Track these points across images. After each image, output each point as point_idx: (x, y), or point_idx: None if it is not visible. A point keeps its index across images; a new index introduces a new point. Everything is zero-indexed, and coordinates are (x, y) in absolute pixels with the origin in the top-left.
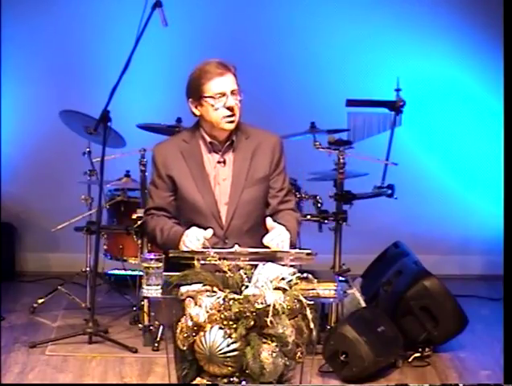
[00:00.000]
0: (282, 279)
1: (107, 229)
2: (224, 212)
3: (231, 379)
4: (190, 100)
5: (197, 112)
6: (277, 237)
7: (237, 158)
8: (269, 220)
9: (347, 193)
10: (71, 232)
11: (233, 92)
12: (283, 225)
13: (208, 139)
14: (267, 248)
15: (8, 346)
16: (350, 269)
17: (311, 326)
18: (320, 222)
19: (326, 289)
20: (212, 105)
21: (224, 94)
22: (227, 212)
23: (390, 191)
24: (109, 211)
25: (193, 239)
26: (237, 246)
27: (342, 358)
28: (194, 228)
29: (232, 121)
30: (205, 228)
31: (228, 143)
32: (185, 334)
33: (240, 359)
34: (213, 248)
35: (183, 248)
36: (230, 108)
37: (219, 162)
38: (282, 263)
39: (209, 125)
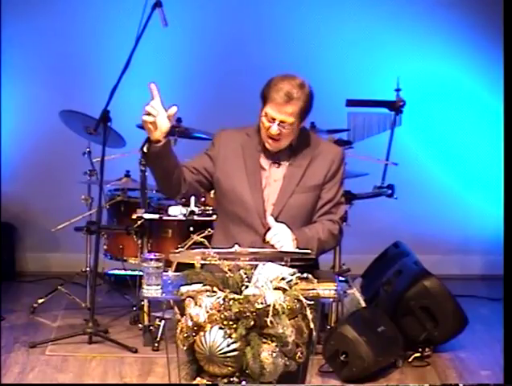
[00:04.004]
0: (282, 279)
1: (107, 229)
2: (269, 212)
3: (231, 379)
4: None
5: (260, 114)
6: (275, 236)
7: (294, 162)
8: (269, 219)
9: (347, 193)
10: (71, 232)
11: (282, 122)
12: (303, 230)
13: None
14: (271, 246)
15: (8, 346)
16: (350, 269)
17: (311, 326)
18: None
19: (326, 289)
20: (263, 123)
21: (274, 119)
22: (272, 213)
23: (390, 191)
24: (109, 211)
25: (149, 107)
26: (236, 246)
27: (342, 358)
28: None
29: (274, 144)
30: (249, 225)
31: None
32: (185, 334)
33: (240, 359)
34: (214, 248)
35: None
36: (271, 135)
37: (274, 163)
38: (282, 263)
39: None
